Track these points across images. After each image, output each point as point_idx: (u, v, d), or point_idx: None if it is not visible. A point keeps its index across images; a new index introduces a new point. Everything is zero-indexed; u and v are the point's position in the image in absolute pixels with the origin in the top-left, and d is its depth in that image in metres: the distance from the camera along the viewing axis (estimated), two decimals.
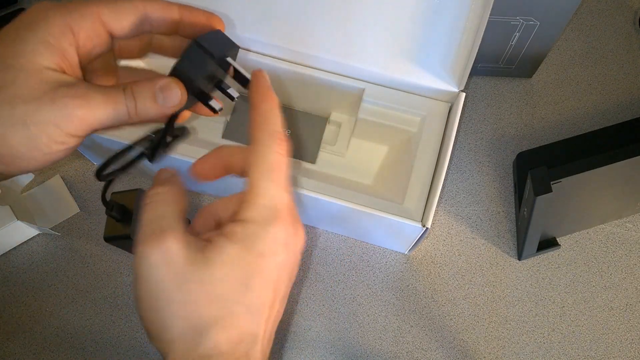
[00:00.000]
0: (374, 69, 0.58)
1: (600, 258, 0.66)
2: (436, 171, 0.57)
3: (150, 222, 0.30)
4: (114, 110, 0.31)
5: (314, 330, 0.63)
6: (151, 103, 0.32)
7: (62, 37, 0.31)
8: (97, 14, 0.32)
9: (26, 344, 0.62)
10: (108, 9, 0.32)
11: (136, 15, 0.33)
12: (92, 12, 0.32)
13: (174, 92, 0.32)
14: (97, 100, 0.30)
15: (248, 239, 0.30)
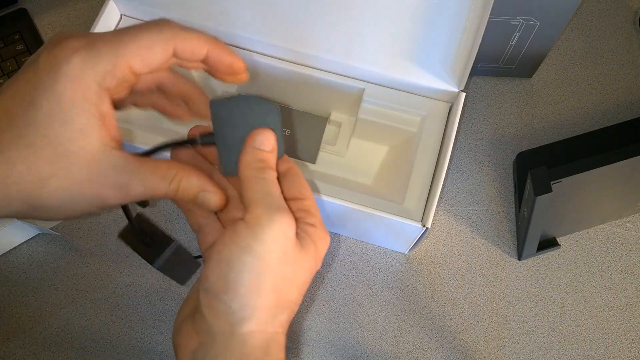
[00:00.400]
0: (374, 69, 0.58)
1: (600, 258, 0.66)
2: (436, 171, 0.57)
3: (271, 196, 0.33)
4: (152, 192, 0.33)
5: (314, 330, 0.63)
6: (191, 200, 0.34)
7: (100, 102, 0.31)
8: (127, 69, 0.31)
9: (26, 344, 0.62)
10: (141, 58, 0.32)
11: (166, 58, 0.33)
12: (124, 64, 0.31)
13: (213, 200, 0.35)
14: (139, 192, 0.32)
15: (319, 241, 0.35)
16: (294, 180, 0.36)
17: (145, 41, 0.32)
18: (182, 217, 0.67)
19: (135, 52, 0.31)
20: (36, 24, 0.74)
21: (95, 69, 0.30)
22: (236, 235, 0.32)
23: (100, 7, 0.59)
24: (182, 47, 0.33)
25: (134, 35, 0.32)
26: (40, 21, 0.75)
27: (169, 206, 0.67)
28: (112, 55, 0.31)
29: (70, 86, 0.30)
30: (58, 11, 0.75)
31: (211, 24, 0.59)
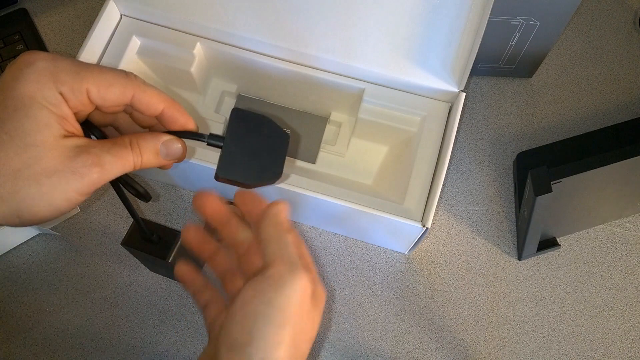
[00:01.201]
0: (374, 69, 0.58)
1: (600, 258, 0.66)
2: (436, 171, 0.57)
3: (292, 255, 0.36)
4: (123, 166, 0.35)
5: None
6: (155, 157, 0.36)
7: (60, 105, 0.33)
8: (85, 91, 0.34)
9: (26, 344, 0.62)
10: (97, 89, 0.34)
11: (122, 101, 0.35)
12: (82, 89, 0.34)
13: (176, 148, 0.37)
14: (109, 162, 0.34)
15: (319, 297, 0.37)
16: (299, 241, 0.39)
17: (108, 77, 0.34)
18: (182, 217, 0.67)
19: (96, 81, 0.34)
20: (36, 24, 0.74)
21: (56, 77, 0.33)
22: (259, 290, 0.34)
23: (100, 7, 0.59)
24: (139, 98, 0.36)
25: (100, 69, 0.35)
26: (40, 21, 0.75)
27: (169, 206, 0.67)
28: (73, 74, 0.33)
29: (32, 86, 0.32)
30: (58, 11, 0.75)
31: (211, 24, 0.59)
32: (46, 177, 0.32)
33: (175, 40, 0.61)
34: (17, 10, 0.75)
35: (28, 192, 0.32)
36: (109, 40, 0.60)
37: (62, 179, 0.33)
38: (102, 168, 0.34)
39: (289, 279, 0.34)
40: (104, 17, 0.59)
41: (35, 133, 0.32)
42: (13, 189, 0.32)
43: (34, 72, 0.32)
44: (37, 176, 0.32)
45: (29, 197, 0.32)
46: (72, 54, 0.73)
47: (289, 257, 0.35)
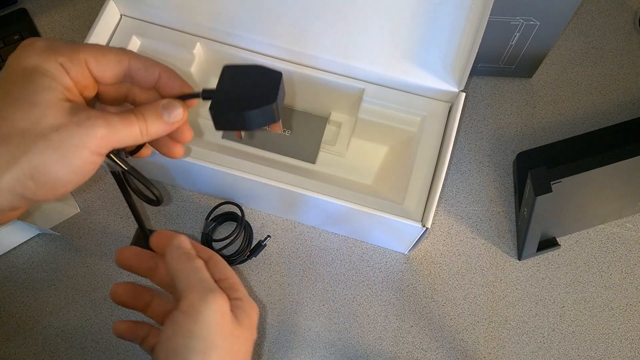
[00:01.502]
0: (374, 69, 0.58)
1: (600, 258, 0.66)
2: (436, 171, 0.57)
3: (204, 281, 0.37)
4: (130, 129, 0.35)
5: (313, 330, 0.63)
6: (158, 121, 0.37)
7: (61, 75, 0.35)
8: (84, 61, 0.35)
9: (26, 344, 0.62)
10: (95, 58, 0.36)
11: (119, 69, 0.37)
12: (80, 59, 0.35)
13: (176, 108, 0.37)
14: (115, 120, 0.35)
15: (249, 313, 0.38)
16: (217, 264, 0.40)
17: (103, 48, 0.37)
18: (182, 217, 0.67)
19: (92, 53, 0.36)
20: (36, 24, 0.74)
21: (54, 50, 0.35)
22: (176, 325, 0.35)
23: (100, 7, 0.59)
24: (136, 64, 0.37)
25: (94, 44, 0.37)
26: (40, 21, 0.75)
27: (169, 206, 0.67)
28: (70, 47, 0.35)
29: (34, 59, 0.34)
30: (58, 11, 0.75)
31: (211, 24, 0.59)
32: (54, 132, 0.33)
33: (175, 40, 0.61)
34: (17, 10, 0.75)
35: (38, 147, 0.32)
36: (109, 40, 0.60)
37: (69, 132, 0.33)
38: (108, 123, 0.34)
39: (202, 306, 0.35)
40: (104, 17, 0.59)
41: (39, 94, 0.33)
42: (23, 146, 0.32)
43: (34, 49, 0.34)
44: (44, 132, 0.32)
45: (40, 152, 0.32)
46: None
47: (198, 284, 0.36)
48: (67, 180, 0.34)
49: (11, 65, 0.34)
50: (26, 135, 0.32)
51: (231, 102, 0.38)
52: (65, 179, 0.34)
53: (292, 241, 0.66)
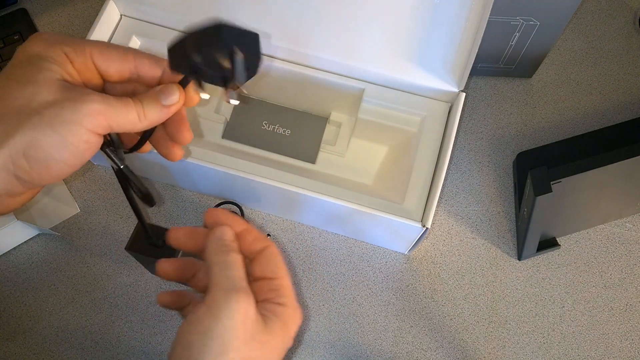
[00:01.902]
0: (374, 69, 0.58)
1: (600, 258, 0.66)
2: (436, 171, 0.57)
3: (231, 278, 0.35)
4: (126, 109, 0.35)
5: (313, 330, 0.63)
6: (155, 103, 0.36)
7: (64, 62, 0.35)
8: (89, 53, 0.36)
9: (26, 344, 0.62)
10: (99, 51, 0.36)
11: (124, 65, 0.37)
12: (84, 50, 0.36)
13: (172, 90, 0.37)
14: (110, 99, 0.34)
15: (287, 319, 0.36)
16: (269, 260, 0.37)
17: (107, 44, 0.37)
18: (182, 217, 0.67)
19: (97, 46, 0.36)
20: (36, 24, 0.74)
21: (60, 40, 0.35)
22: (196, 319, 0.33)
23: (100, 7, 0.59)
24: (140, 60, 0.38)
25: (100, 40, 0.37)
26: (40, 21, 0.75)
27: (169, 206, 0.67)
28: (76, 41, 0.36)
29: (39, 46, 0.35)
30: (58, 11, 0.75)
31: None
32: (47, 108, 0.32)
33: None
34: (17, 10, 0.75)
35: (31, 123, 0.32)
36: (108, 40, 0.60)
37: (62, 108, 0.33)
38: (103, 99, 0.34)
39: (223, 305, 0.33)
40: (104, 17, 0.59)
41: (36, 74, 0.33)
42: (17, 123, 0.32)
43: (41, 39, 0.35)
44: (38, 108, 0.32)
45: (33, 128, 0.32)
46: None
47: (225, 280, 0.34)
48: (60, 159, 0.33)
49: (17, 54, 0.35)
50: (21, 113, 0.32)
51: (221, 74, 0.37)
52: (58, 157, 0.33)
53: (292, 241, 0.66)
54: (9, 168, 0.32)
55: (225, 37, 0.35)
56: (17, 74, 0.34)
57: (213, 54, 0.36)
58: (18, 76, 0.33)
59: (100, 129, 0.34)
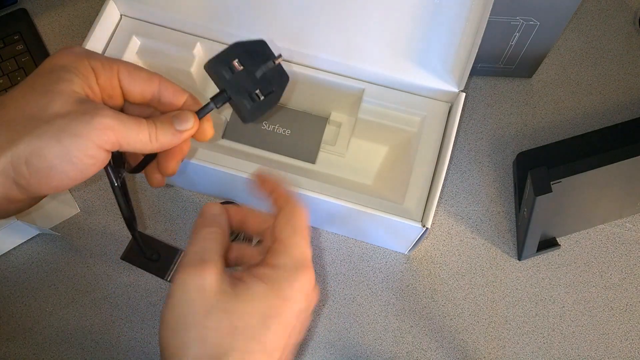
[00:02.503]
0: (374, 69, 0.58)
1: (600, 258, 0.66)
2: (436, 171, 0.57)
3: (195, 254, 0.33)
4: (138, 129, 0.35)
5: (314, 330, 0.63)
6: (169, 128, 0.36)
7: (88, 76, 0.35)
8: (115, 70, 0.36)
9: (26, 344, 0.62)
10: (127, 70, 0.37)
11: (148, 88, 0.37)
12: (112, 67, 0.36)
13: (187, 117, 0.37)
14: (123, 117, 0.34)
15: (276, 282, 0.33)
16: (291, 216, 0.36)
17: (136, 66, 0.37)
18: (182, 217, 0.67)
19: (126, 65, 0.36)
20: (36, 24, 0.74)
21: (90, 56, 0.36)
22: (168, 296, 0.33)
23: (100, 7, 0.59)
24: (165, 86, 0.38)
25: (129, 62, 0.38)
26: (40, 21, 0.75)
27: (169, 206, 0.67)
28: (105, 58, 0.36)
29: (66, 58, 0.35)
30: (58, 11, 0.75)
31: (211, 24, 0.59)
32: (58, 117, 0.32)
33: (175, 40, 0.61)
34: (17, 10, 0.75)
35: (38, 131, 0.32)
36: (109, 40, 0.60)
37: (73, 120, 0.33)
38: (115, 115, 0.34)
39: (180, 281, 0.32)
40: (104, 17, 0.59)
41: (55, 84, 0.34)
42: (25, 129, 0.32)
43: (70, 51, 0.36)
44: (48, 118, 0.32)
45: (39, 136, 0.32)
46: None
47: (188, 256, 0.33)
48: (62, 170, 0.33)
49: (44, 63, 0.35)
50: (30, 120, 0.32)
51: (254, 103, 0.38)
52: (60, 168, 0.33)
53: None
54: (10, 174, 0.32)
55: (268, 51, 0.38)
56: (37, 82, 0.34)
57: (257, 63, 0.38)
58: (37, 84, 0.34)
59: (109, 145, 0.34)
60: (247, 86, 0.38)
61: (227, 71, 0.38)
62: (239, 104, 0.38)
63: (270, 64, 0.39)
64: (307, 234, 0.35)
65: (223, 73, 0.38)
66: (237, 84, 0.38)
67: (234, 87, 0.38)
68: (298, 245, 0.34)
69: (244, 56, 0.38)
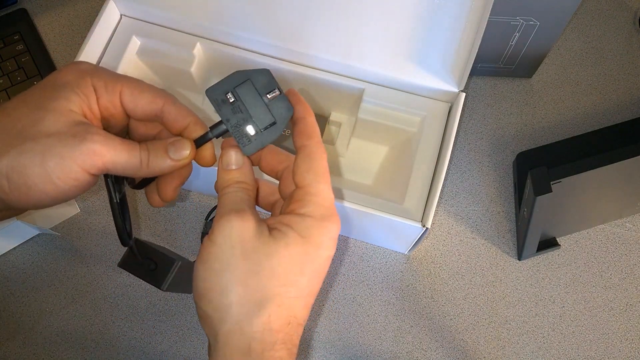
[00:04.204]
0: (374, 69, 0.58)
1: (600, 258, 0.66)
2: (436, 171, 0.57)
3: (231, 203, 0.34)
4: (129, 155, 0.34)
5: (314, 330, 0.63)
6: (163, 155, 0.36)
7: (89, 95, 0.34)
8: (118, 92, 0.35)
9: (26, 344, 0.62)
10: (130, 91, 0.36)
11: (151, 108, 0.36)
12: (115, 89, 0.35)
13: (183, 145, 0.36)
14: (115, 142, 0.34)
15: (308, 229, 0.33)
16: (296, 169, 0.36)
17: (142, 84, 0.36)
18: (182, 217, 0.67)
19: (130, 85, 0.35)
20: (36, 24, 0.74)
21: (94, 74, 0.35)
22: (201, 248, 0.34)
23: (100, 7, 0.59)
24: (169, 109, 0.36)
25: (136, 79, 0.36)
26: (40, 21, 0.75)
27: (168, 206, 0.67)
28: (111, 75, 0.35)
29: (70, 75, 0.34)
30: (58, 11, 0.75)
31: (211, 24, 0.59)
32: (45, 136, 0.32)
33: (175, 40, 0.61)
34: (17, 10, 0.75)
35: (23, 148, 0.31)
36: (109, 40, 0.60)
37: (60, 140, 0.32)
38: (106, 139, 0.33)
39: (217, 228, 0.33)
40: (104, 17, 0.59)
41: (51, 101, 0.33)
42: (10, 144, 0.31)
43: (76, 68, 0.35)
44: (36, 135, 0.32)
45: (22, 153, 0.31)
46: (72, 54, 0.73)
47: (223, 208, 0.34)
48: (42, 190, 0.32)
49: (49, 77, 0.35)
50: (17, 136, 0.32)
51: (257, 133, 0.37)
52: (41, 187, 0.32)
53: None
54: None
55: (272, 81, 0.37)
56: (34, 96, 0.33)
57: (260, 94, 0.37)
58: (33, 99, 0.33)
59: (94, 169, 0.33)
60: (247, 118, 0.37)
61: (226, 101, 0.37)
62: (236, 136, 0.37)
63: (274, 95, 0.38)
64: (328, 177, 0.36)
65: (222, 102, 0.37)
66: (236, 115, 0.37)
67: (233, 118, 0.37)
68: (322, 192, 0.35)
69: (246, 85, 0.37)
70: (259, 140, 0.37)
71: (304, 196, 0.34)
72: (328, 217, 0.34)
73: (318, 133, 0.37)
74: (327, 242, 0.34)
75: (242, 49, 0.61)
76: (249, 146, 0.37)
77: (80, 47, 0.57)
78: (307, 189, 0.35)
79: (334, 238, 0.35)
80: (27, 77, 0.71)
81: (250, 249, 0.32)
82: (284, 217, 0.34)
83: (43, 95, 0.33)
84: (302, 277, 0.33)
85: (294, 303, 0.33)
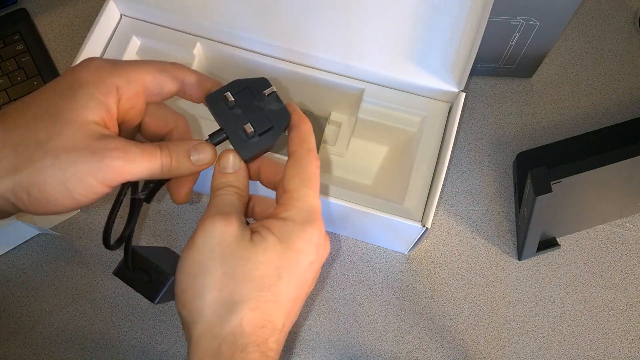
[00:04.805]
0: (374, 69, 0.58)
1: (600, 258, 0.66)
2: (436, 171, 0.57)
3: (220, 205, 0.35)
4: (149, 164, 0.34)
5: (314, 330, 0.63)
6: (185, 160, 0.35)
7: (108, 95, 0.34)
8: (141, 82, 0.35)
9: (26, 344, 0.62)
10: (152, 77, 0.35)
11: (175, 85, 0.36)
12: (138, 80, 0.35)
13: (206, 151, 0.36)
14: (135, 154, 0.33)
15: (287, 234, 0.34)
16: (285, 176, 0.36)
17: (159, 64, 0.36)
18: (182, 218, 0.67)
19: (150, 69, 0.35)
20: (36, 24, 0.74)
21: (113, 68, 0.34)
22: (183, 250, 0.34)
23: (100, 7, 0.59)
24: (189, 78, 0.37)
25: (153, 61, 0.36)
26: (40, 21, 0.75)
27: (168, 206, 0.67)
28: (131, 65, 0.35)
29: (89, 73, 0.34)
30: (58, 11, 0.75)
31: (211, 24, 0.59)
32: (65, 152, 0.31)
33: (175, 40, 0.61)
34: (17, 10, 0.75)
35: (43, 163, 0.31)
36: (109, 40, 0.60)
37: (80, 157, 0.32)
38: (126, 154, 0.33)
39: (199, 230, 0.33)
40: (104, 17, 0.59)
41: (70, 111, 0.32)
42: (30, 158, 0.31)
43: (94, 64, 0.34)
44: (56, 149, 0.31)
45: (43, 169, 0.31)
46: (72, 54, 0.73)
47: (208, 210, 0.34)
48: (62, 204, 0.32)
49: (64, 76, 0.34)
50: (38, 148, 0.31)
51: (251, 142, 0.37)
52: (61, 201, 0.32)
53: None
54: (9, 197, 0.32)
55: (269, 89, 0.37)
56: (53, 103, 0.32)
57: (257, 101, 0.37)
58: (51, 107, 0.32)
59: (115, 182, 0.33)
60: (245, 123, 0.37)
61: (225, 108, 0.37)
62: (234, 142, 0.37)
63: (272, 102, 0.38)
64: (316, 184, 0.36)
65: (221, 109, 0.37)
66: (234, 122, 0.37)
67: (231, 125, 0.37)
68: (306, 197, 0.35)
69: (244, 93, 0.38)
70: (256, 144, 0.37)
71: (288, 200, 0.35)
72: (310, 222, 0.34)
73: (311, 141, 0.37)
74: (307, 248, 0.34)
75: (242, 49, 0.61)
76: (246, 150, 0.37)
77: (80, 47, 0.57)
78: (291, 194, 0.35)
79: (315, 244, 0.34)
80: (27, 77, 0.71)
81: (228, 252, 0.33)
82: (266, 220, 0.34)
83: (62, 101, 0.32)
84: (279, 282, 0.33)
85: (270, 307, 0.33)
